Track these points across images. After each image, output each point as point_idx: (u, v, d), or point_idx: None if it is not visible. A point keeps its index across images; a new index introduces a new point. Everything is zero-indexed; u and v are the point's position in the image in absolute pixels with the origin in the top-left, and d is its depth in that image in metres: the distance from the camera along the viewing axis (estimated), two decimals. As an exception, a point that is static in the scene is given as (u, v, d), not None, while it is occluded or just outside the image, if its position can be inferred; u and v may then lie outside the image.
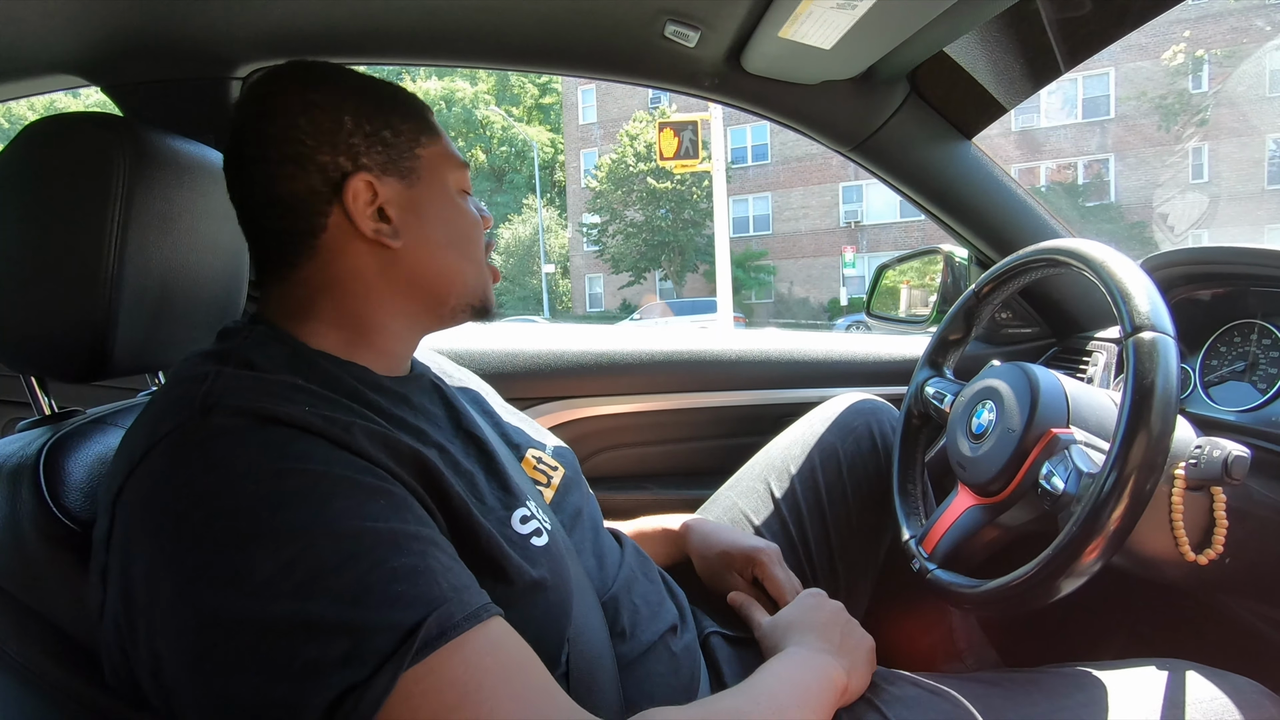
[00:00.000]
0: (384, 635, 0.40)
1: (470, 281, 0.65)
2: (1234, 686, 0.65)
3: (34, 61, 0.83)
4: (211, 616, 0.41)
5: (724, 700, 0.57)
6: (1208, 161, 15.93)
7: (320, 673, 0.39)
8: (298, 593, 0.41)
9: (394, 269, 0.60)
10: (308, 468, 0.45)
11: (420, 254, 0.61)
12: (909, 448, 0.91)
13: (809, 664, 0.64)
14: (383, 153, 0.60)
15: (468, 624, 0.43)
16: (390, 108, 0.61)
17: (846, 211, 20.35)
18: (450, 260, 0.63)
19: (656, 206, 20.56)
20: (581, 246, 23.82)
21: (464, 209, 0.65)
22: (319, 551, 0.42)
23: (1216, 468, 0.63)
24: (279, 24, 0.82)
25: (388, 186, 0.59)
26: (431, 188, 0.62)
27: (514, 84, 31.16)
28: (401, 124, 0.61)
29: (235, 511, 0.43)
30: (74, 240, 0.58)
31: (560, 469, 0.73)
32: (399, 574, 0.43)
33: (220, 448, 0.45)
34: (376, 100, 0.61)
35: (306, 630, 0.40)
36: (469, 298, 0.65)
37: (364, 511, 0.44)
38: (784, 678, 0.62)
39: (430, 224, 0.62)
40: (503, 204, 28.74)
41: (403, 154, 0.61)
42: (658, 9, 0.86)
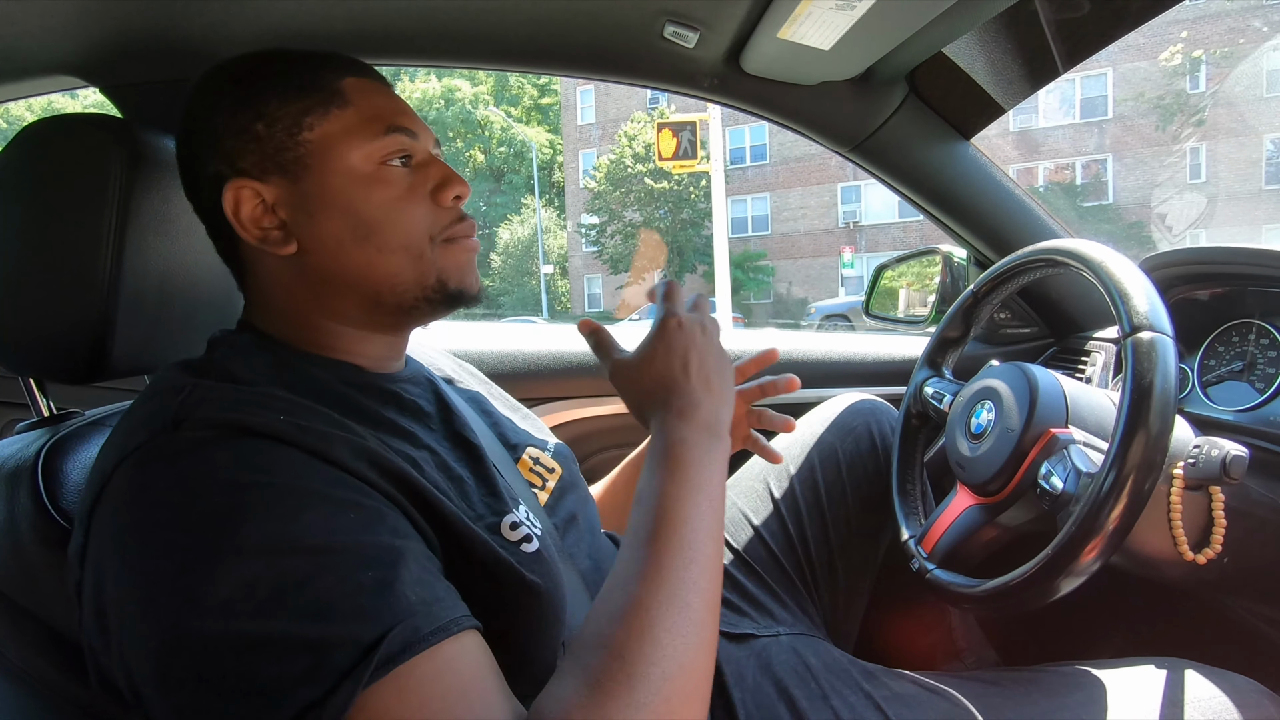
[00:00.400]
0: (344, 651, 0.39)
1: (402, 273, 0.57)
2: (1233, 685, 0.65)
3: (32, 62, 0.83)
4: (175, 634, 0.40)
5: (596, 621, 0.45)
6: (1205, 162, 15.97)
7: (281, 690, 0.38)
8: (261, 610, 0.40)
9: (308, 274, 0.56)
10: (275, 481, 0.44)
11: (325, 255, 0.56)
12: (908, 447, 0.92)
13: (687, 466, 0.52)
14: (257, 150, 0.54)
15: (435, 638, 0.41)
16: (264, 94, 0.55)
17: (845, 212, 20.37)
18: (364, 256, 0.56)
19: (655, 207, 20.58)
20: (580, 247, 23.82)
21: (381, 190, 0.56)
22: (283, 568, 0.41)
23: (1215, 467, 0.63)
24: (277, 25, 0.82)
25: (272, 186, 0.55)
26: (326, 176, 0.55)
27: (513, 84, 31.18)
28: (278, 110, 0.54)
29: (199, 527, 0.42)
30: (72, 241, 0.58)
31: (558, 471, 0.72)
32: (364, 588, 0.41)
33: (188, 462, 0.44)
34: (249, 90, 0.55)
35: (268, 647, 0.39)
36: (413, 290, 0.57)
37: (332, 526, 0.43)
38: (662, 524, 0.49)
39: (329, 219, 0.55)
40: (501, 204, 28.74)
41: (281, 146, 0.54)
42: (657, 10, 0.86)
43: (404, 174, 0.57)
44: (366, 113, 0.56)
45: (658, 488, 0.51)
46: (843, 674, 0.72)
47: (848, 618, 0.91)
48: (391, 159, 0.56)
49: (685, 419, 0.56)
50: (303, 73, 0.56)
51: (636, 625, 0.43)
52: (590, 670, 0.42)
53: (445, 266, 0.58)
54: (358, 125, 0.56)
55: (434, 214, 0.58)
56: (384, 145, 0.56)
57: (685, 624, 0.44)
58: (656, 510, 0.50)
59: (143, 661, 0.41)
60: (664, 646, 0.43)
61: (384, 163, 0.56)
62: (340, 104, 0.56)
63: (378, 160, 0.56)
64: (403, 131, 0.57)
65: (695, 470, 0.52)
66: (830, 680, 0.71)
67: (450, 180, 0.59)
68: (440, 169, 0.59)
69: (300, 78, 0.56)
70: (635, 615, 0.44)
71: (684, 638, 0.44)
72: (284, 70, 0.56)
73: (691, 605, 0.45)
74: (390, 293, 0.57)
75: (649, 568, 0.46)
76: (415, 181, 0.58)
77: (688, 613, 0.45)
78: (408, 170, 0.58)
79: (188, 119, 0.57)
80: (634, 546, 0.48)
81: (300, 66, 0.57)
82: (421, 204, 0.57)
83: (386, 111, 0.57)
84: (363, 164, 0.55)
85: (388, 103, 0.58)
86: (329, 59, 0.58)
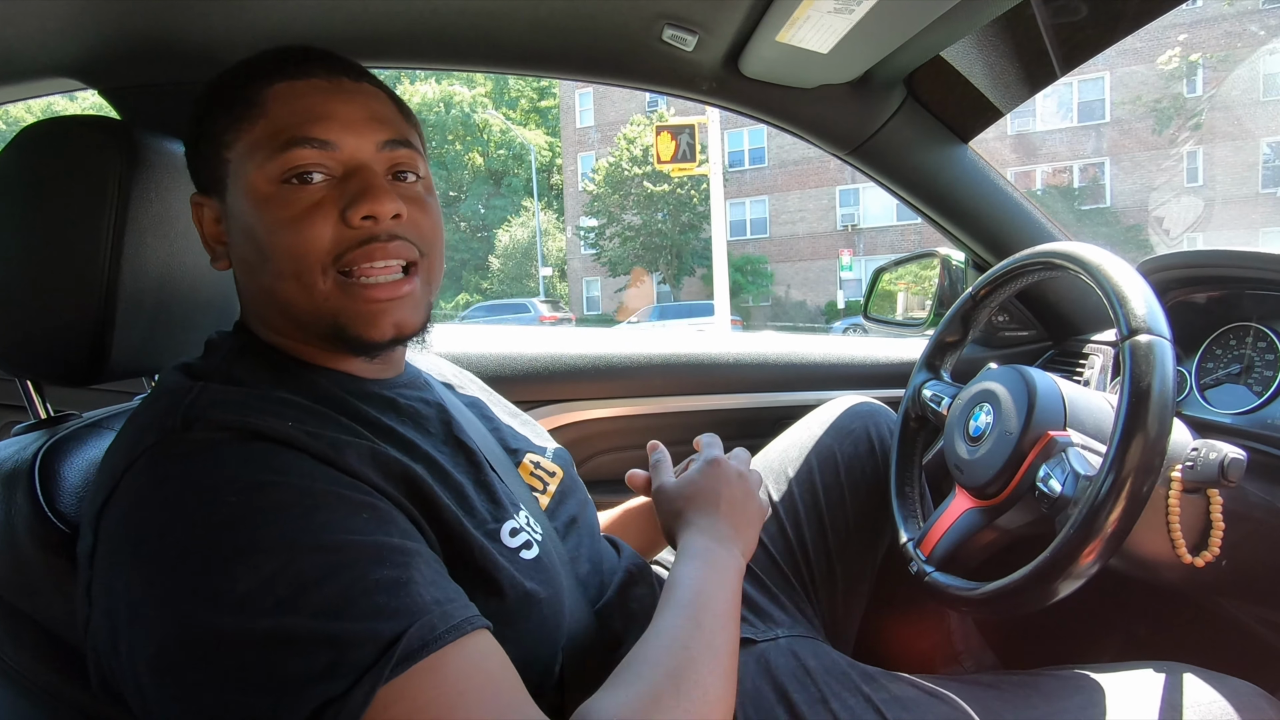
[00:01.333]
0: (364, 647, 0.40)
1: (298, 303, 0.53)
2: (1232, 689, 0.65)
3: (31, 64, 0.83)
4: (193, 631, 0.40)
5: (658, 656, 0.51)
6: (1202, 165, 16.00)
7: (300, 686, 0.39)
8: (279, 607, 0.40)
9: (242, 290, 0.59)
10: (290, 481, 0.45)
11: (242, 275, 0.57)
12: (907, 450, 0.92)
13: (719, 566, 0.61)
14: (201, 167, 0.56)
15: (450, 636, 0.42)
16: (208, 110, 0.55)
17: (844, 215, 20.39)
18: (265, 280, 0.53)
19: (654, 210, 20.59)
20: (579, 249, 23.83)
21: (275, 210, 0.51)
22: (300, 565, 0.41)
23: (1213, 470, 0.63)
24: (276, 28, 0.82)
25: (213, 202, 0.57)
26: (236, 195, 0.53)
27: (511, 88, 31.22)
28: (212, 126, 0.54)
29: (217, 526, 0.42)
30: (70, 243, 0.58)
31: (558, 474, 0.72)
32: (381, 586, 0.42)
33: (202, 462, 0.45)
34: (201, 106, 0.56)
35: (288, 644, 0.40)
36: (315, 325, 0.54)
37: (347, 525, 0.44)
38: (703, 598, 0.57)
39: (239, 240, 0.54)
40: (500, 207, 28.76)
41: (210, 163, 0.55)
42: (656, 13, 0.86)
43: (307, 191, 0.52)
44: (275, 124, 0.52)
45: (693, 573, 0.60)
46: (841, 677, 0.72)
47: (846, 620, 0.90)
48: (290, 176, 0.52)
49: (706, 534, 0.65)
50: (234, 84, 0.54)
51: (685, 660, 0.51)
52: (647, 686, 0.48)
53: (343, 307, 0.53)
54: (263, 139, 0.52)
55: (336, 237, 0.52)
56: (284, 161, 0.51)
57: (716, 666, 0.53)
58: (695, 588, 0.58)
59: (159, 659, 0.41)
60: (702, 679, 0.51)
61: (283, 180, 0.52)
62: (254, 116, 0.53)
63: (275, 178, 0.52)
64: (308, 143, 0.52)
65: (721, 563, 0.62)
66: (829, 683, 0.71)
67: (360, 196, 0.52)
68: (359, 182, 0.52)
69: (231, 90, 0.54)
70: (683, 658, 0.51)
71: (715, 675, 0.52)
72: (224, 81, 0.55)
73: (720, 654, 0.54)
74: (299, 321, 0.54)
75: (690, 626, 0.55)
76: (326, 198, 0.52)
77: (719, 658, 0.53)
78: (319, 186, 0.52)
79: (188, 129, 0.59)
80: (677, 609, 0.56)
81: (237, 76, 0.55)
82: (319, 225, 0.51)
83: (297, 121, 0.52)
84: (264, 184, 0.52)
85: (310, 108, 0.53)
86: (264, 67, 0.55)
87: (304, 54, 0.56)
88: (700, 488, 0.69)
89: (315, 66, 0.55)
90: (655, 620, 0.56)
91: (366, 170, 0.53)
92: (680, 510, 0.68)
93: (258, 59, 0.56)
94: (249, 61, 0.56)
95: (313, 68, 0.55)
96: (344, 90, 0.55)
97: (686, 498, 0.69)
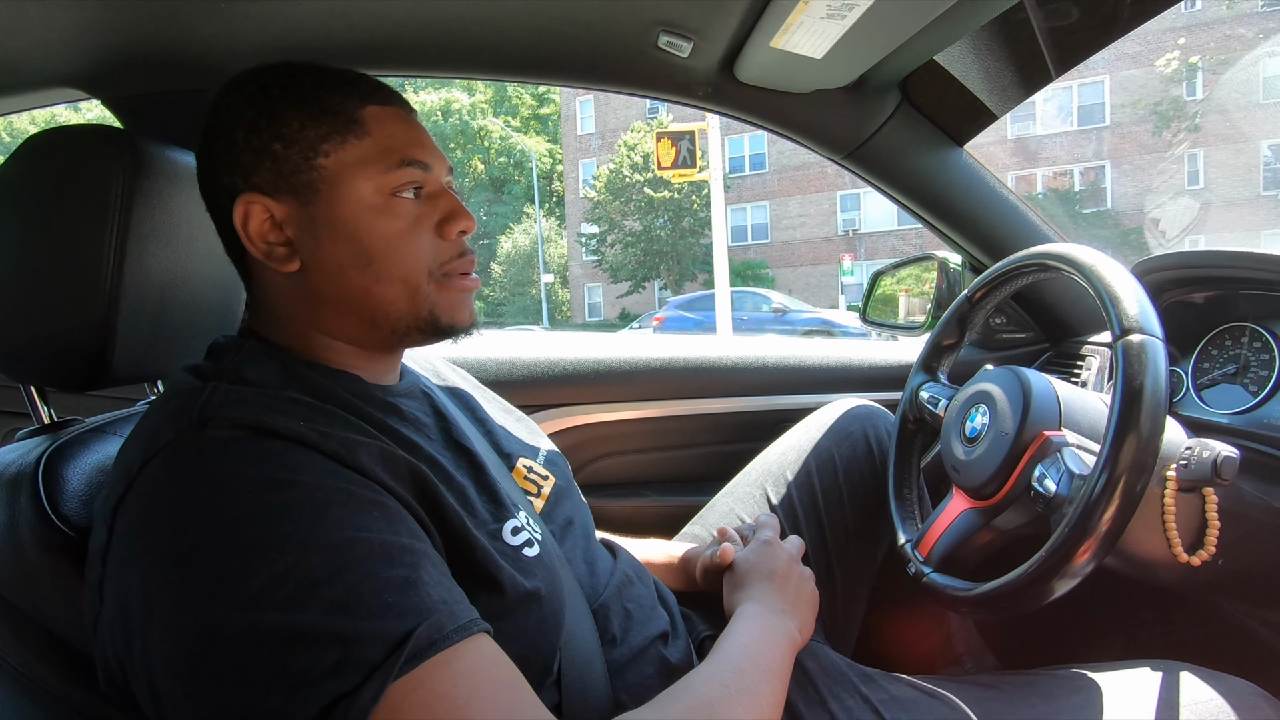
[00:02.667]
0: (373, 645, 0.41)
1: (398, 303, 0.58)
2: (1230, 688, 0.65)
3: (35, 75, 0.84)
4: (206, 627, 0.41)
5: (696, 686, 0.56)
6: (1203, 168, 16.01)
7: (310, 683, 0.40)
8: (290, 603, 0.41)
9: (307, 291, 0.58)
10: (302, 479, 0.45)
11: (325, 277, 0.57)
12: (904, 452, 0.92)
13: (770, 629, 0.66)
14: (272, 168, 0.55)
15: (458, 636, 0.43)
16: (286, 114, 0.56)
17: (844, 220, 20.42)
18: (363, 282, 0.57)
19: (655, 216, 20.62)
20: (580, 256, 23.88)
21: (387, 221, 0.57)
22: (311, 562, 0.42)
23: (1206, 468, 0.64)
24: (278, 37, 0.83)
25: (283, 205, 0.56)
26: (335, 202, 0.56)
27: (512, 95, 31.33)
28: (298, 132, 0.55)
29: (230, 522, 0.43)
30: (73, 251, 0.59)
31: (551, 478, 0.73)
32: (390, 585, 0.43)
33: (216, 460, 0.46)
34: (271, 107, 0.56)
35: (298, 640, 0.40)
36: (406, 320, 0.58)
37: (357, 523, 0.45)
38: (750, 651, 0.62)
39: (333, 244, 0.56)
40: (501, 214, 28.83)
41: (296, 168, 0.55)
42: (651, 20, 0.87)
43: (412, 206, 0.58)
44: (383, 143, 0.57)
45: (743, 630, 0.65)
46: (840, 678, 0.72)
47: (846, 622, 0.91)
48: (402, 191, 0.57)
49: (762, 604, 0.70)
50: (326, 97, 0.56)
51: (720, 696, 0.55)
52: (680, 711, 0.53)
53: (439, 301, 0.59)
54: (373, 156, 0.56)
55: (436, 248, 0.59)
56: (396, 178, 0.57)
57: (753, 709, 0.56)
58: (743, 643, 0.63)
59: (172, 655, 0.42)
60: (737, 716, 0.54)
61: (394, 194, 0.57)
62: (359, 133, 0.56)
63: (388, 192, 0.57)
64: (416, 165, 0.58)
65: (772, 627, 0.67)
66: (828, 684, 0.71)
67: (456, 215, 0.59)
68: (448, 202, 0.60)
69: (323, 102, 0.56)
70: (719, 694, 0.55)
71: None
72: (308, 92, 0.56)
73: (758, 702, 0.57)
74: (384, 319, 0.58)
75: (732, 671, 0.59)
76: (422, 214, 0.58)
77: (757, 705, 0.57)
78: (416, 202, 0.58)
79: (209, 126, 0.57)
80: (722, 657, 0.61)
81: (325, 90, 0.57)
82: (424, 236, 0.58)
83: (402, 143, 0.58)
84: (373, 195, 0.56)
85: (406, 134, 0.58)
86: (355, 84, 0.58)
87: (378, 82, 0.61)
88: (754, 564, 0.75)
89: (390, 95, 0.60)
90: (700, 665, 0.60)
91: (449, 193, 0.61)
92: (738, 583, 0.74)
93: (332, 76, 0.58)
94: (327, 77, 0.58)
95: (389, 96, 0.60)
96: (415, 120, 0.61)
97: (743, 571, 0.75)
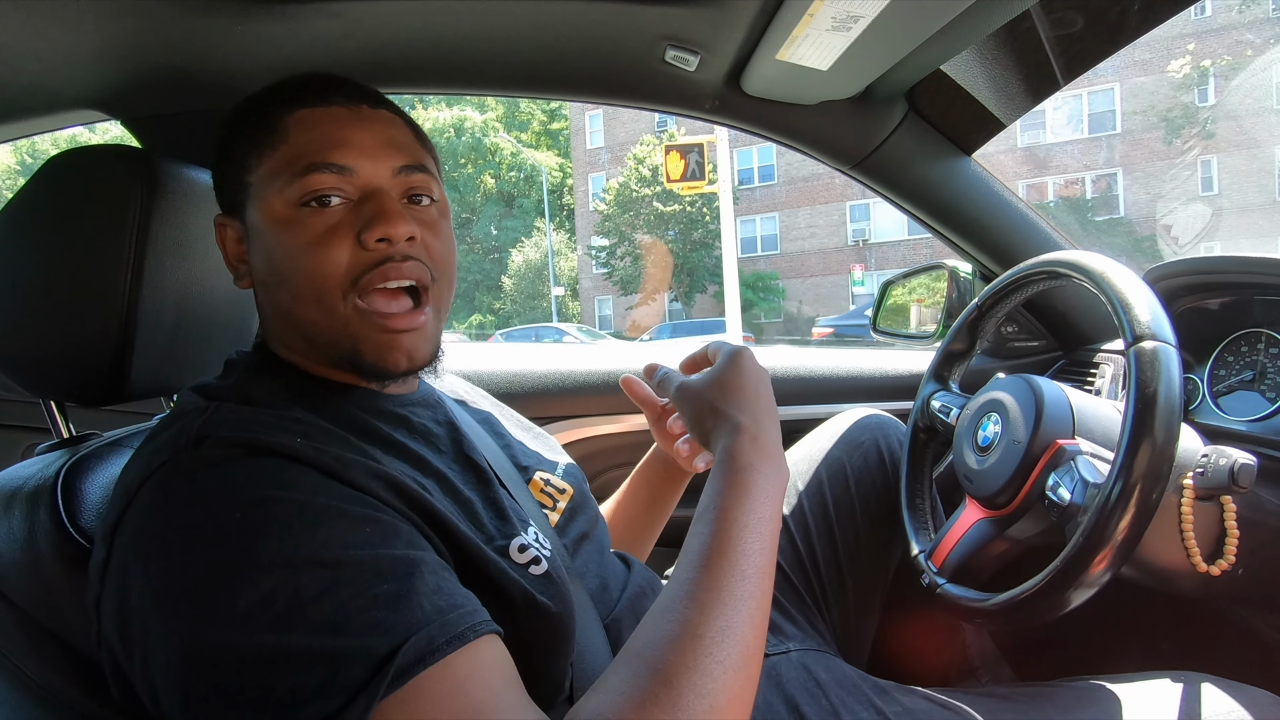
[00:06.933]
0: (358, 664, 0.39)
1: (319, 325, 0.55)
2: (1251, 699, 0.64)
3: (56, 97, 0.86)
4: (196, 647, 0.41)
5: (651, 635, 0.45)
6: (1217, 174, 15.87)
7: (296, 703, 0.39)
8: (277, 624, 0.40)
9: (263, 309, 0.60)
10: (293, 496, 0.45)
11: (263, 295, 0.58)
12: (916, 462, 0.91)
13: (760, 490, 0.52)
14: (224, 188, 0.59)
15: (450, 647, 0.42)
16: (232, 134, 0.57)
17: (854, 230, 20.40)
18: (284, 301, 0.55)
19: (665, 228, 20.70)
20: (590, 269, 23.97)
21: (294, 233, 0.53)
22: (299, 581, 0.41)
23: (1223, 476, 0.63)
24: (291, 58, 0.85)
25: (235, 223, 0.59)
26: (257, 218, 0.56)
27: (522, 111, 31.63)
28: (235, 149, 0.57)
29: (218, 541, 0.43)
30: (92, 268, 0.60)
31: (569, 491, 0.73)
32: (380, 601, 0.42)
33: (208, 478, 0.46)
34: (227, 129, 0.58)
35: (285, 661, 0.40)
36: (331, 347, 0.56)
37: (347, 540, 0.44)
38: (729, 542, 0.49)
39: (258, 261, 0.56)
40: (512, 228, 29.02)
41: (234, 187, 0.57)
42: (658, 35, 0.88)
43: (325, 215, 0.54)
44: (295, 150, 0.54)
45: (721, 513, 0.50)
46: (854, 690, 0.71)
47: (859, 633, 0.90)
48: (308, 200, 0.54)
49: (756, 444, 0.55)
50: (259, 109, 0.57)
51: (690, 653, 0.43)
52: (636, 690, 0.42)
53: (361, 335, 0.55)
54: (283, 164, 0.54)
55: (352, 259, 0.54)
56: (303, 185, 0.53)
57: (737, 656, 0.44)
58: (717, 536, 0.49)
59: (166, 674, 0.42)
60: (714, 679, 0.43)
61: (302, 204, 0.54)
62: (276, 142, 0.55)
63: (294, 201, 0.54)
64: (326, 169, 0.54)
65: (760, 500, 0.52)
66: (841, 696, 0.70)
67: (376, 219, 0.53)
68: (372, 206, 0.54)
69: (255, 115, 0.57)
70: (689, 642, 0.44)
71: (734, 670, 0.43)
72: (249, 107, 0.58)
73: (745, 639, 0.45)
74: (318, 340, 0.56)
75: (707, 595, 0.46)
76: (343, 222, 0.54)
77: (740, 646, 0.44)
78: (336, 209, 0.54)
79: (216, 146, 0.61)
80: (692, 568, 0.48)
81: (261, 101, 0.58)
82: (337, 249, 0.54)
83: (316, 147, 0.54)
84: (283, 207, 0.54)
85: (328, 134, 0.55)
86: (284, 90, 0.57)
87: (324, 82, 0.58)
88: (736, 379, 0.61)
89: (335, 94, 0.57)
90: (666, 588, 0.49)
91: (382, 194, 0.55)
92: (715, 406, 0.59)
93: (280, 86, 0.58)
94: (272, 88, 0.59)
95: (333, 95, 0.57)
96: (362, 117, 0.57)
97: (726, 390, 0.60)
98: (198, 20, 0.75)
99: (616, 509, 0.88)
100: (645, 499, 0.86)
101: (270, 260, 0.55)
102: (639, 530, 0.87)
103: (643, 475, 0.87)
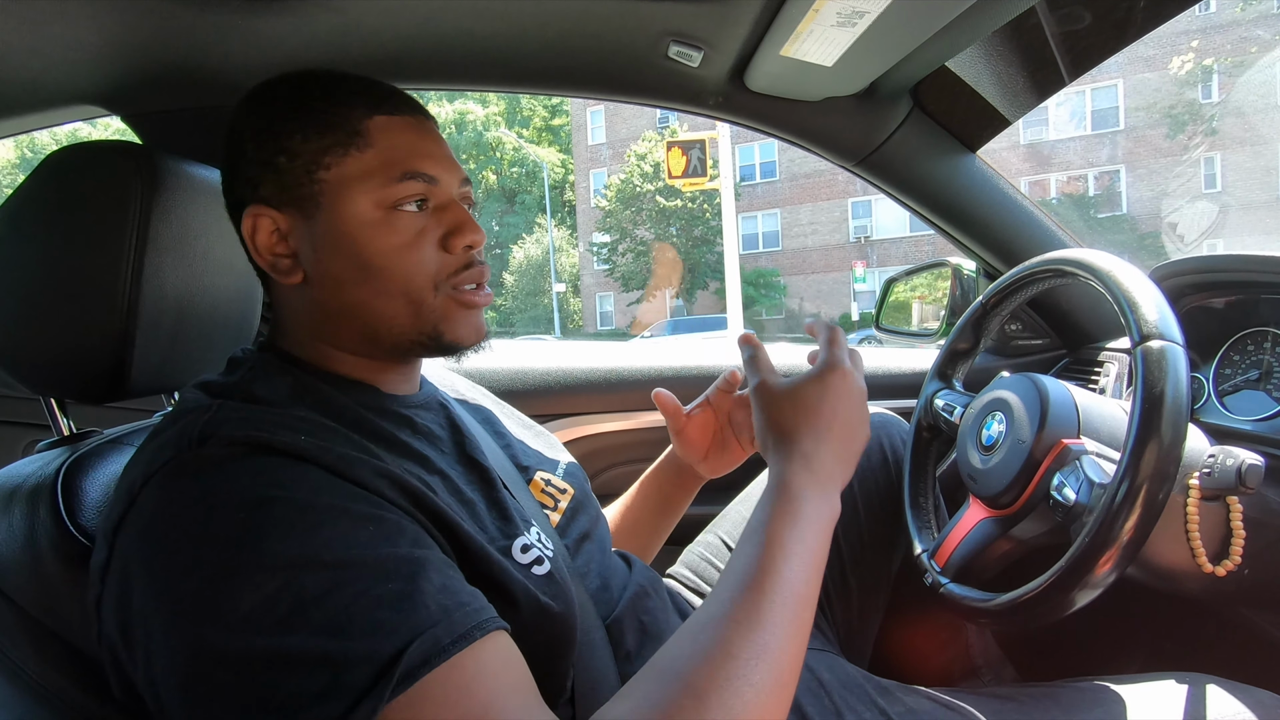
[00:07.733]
0: (362, 667, 0.39)
1: (399, 317, 0.57)
2: (1257, 700, 0.64)
3: (58, 93, 0.85)
4: (198, 649, 0.40)
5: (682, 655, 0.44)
6: (1220, 171, 15.83)
7: (299, 706, 0.38)
8: (280, 625, 0.40)
9: (311, 304, 0.58)
10: (296, 497, 0.44)
11: (327, 290, 0.57)
12: (920, 460, 0.91)
13: (808, 520, 0.52)
14: (276, 181, 0.56)
15: (456, 647, 0.41)
16: (289, 127, 0.56)
17: (856, 227, 20.37)
18: (362, 296, 0.56)
19: (666, 225, 20.67)
20: (591, 265, 23.96)
21: (386, 235, 0.56)
22: (302, 582, 0.41)
23: (1230, 476, 0.62)
24: (293, 54, 0.85)
25: (287, 217, 0.56)
26: (335, 217, 0.56)
27: (524, 106, 31.57)
28: (301, 145, 0.55)
29: (221, 542, 0.42)
30: (93, 264, 0.60)
31: (569, 491, 0.72)
32: (384, 601, 0.41)
33: (211, 477, 0.45)
34: (276, 120, 0.56)
35: (288, 663, 0.39)
36: (409, 334, 0.58)
37: (351, 540, 0.44)
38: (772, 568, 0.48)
39: (333, 258, 0.56)
40: (514, 224, 28.99)
41: (298, 181, 0.56)
42: (661, 31, 0.87)
43: (415, 219, 0.57)
44: (385, 156, 0.56)
45: (769, 537, 0.50)
46: (857, 690, 0.71)
47: (862, 633, 0.90)
48: (404, 204, 0.56)
49: (812, 472, 0.55)
50: (329, 109, 0.56)
51: (722, 671, 0.42)
52: (663, 700, 0.41)
53: (445, 317, 0.58)
54: (375, 169, 0.56)
55: (440, 261, 0.58)
56: (396, 191, 0.56)
57: (770, 681, 0.43)
58: (763, 559, 0.49)
59: (168, 675, 0.41)
60: (744, 699, 0.42)
61: (395, 208, 0.56)
62: (360, 145, 0.56)
63: (389, 205, 0.56)
64: (419, 177, 0.57)
65: (807, 529, 0.52)
66: (844, 696, 0.70)
67: (462, 228, 0.58)
68: (455, 215, 0.59)
69: (326, 114, 0.56)
70: (723, 660, 0.43)
71: (765, 694, 0.43)
72: (313, 103, 0.56)
73: (779, 664, 0.44)
74: (386, 332, 0.58)
75: (746, 615, 0.45)
76: (428, 226, 0.58)
77: (775, 671, 0.44)
78: (422, 214, 0.58)
79: (227, 140, 0.59)
80: (734, 588, 0.48)
81: (329, 101, 0.57)
82: (428, 250, 0.57)
83: (406, 155, 0.57)
84: (372, 209, 0.56)
85: (413, 144, 0.58)
86: (361, 94, 0.58)
87: (388, 89, 0.60)
88: (816, 402, 0.58)
89: (401, 103, 0.59)
90: (707, 601, 0.48)
91: (458, 205, 0.60)
92: (788, 427, 0.58)
93: (340, 86, 0.58)
94: (334, 88, 0.57)
95: (400, 104, 0.59)
96: (428, 129, 0.60)
97: (801, 410, 0.58)
98: (200, 16, 0.74)
99: (625, 511, 0.88)
100: (655, 504, 0.86)
101: (355, 257, 0.56)
102: (646, 534, 0.87)
103: (654, 480, 0.87)
